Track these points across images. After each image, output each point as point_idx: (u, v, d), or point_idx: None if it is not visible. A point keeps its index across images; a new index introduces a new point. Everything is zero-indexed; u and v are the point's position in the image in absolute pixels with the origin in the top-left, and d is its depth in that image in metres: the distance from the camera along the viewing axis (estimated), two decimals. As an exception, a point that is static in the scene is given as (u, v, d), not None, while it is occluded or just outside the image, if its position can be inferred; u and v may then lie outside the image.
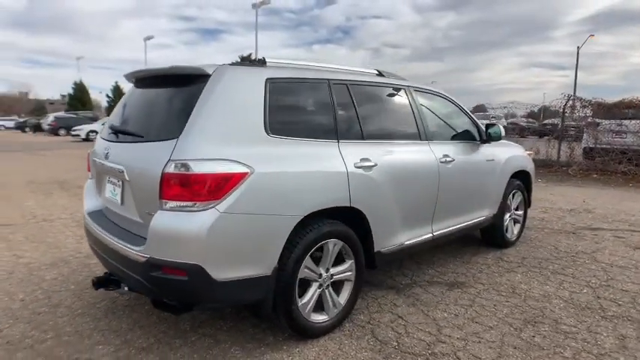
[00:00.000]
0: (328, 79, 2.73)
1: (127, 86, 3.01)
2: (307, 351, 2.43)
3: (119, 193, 2.43)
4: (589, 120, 11.46)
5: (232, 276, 2.11)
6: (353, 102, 2.82)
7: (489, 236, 4.34)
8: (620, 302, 3.14)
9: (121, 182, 2.40)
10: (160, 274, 2.08)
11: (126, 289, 2.45)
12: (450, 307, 3.02)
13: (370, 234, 2.76)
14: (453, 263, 3.95)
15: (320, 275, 2.53)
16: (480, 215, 3.87)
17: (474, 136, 3.84)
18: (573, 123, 11.65)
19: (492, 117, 22.02)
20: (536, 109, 12.19)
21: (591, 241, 4.71)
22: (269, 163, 2.23)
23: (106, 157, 2.54)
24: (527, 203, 4.62)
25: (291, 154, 2.35)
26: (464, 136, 3.74)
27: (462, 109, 3.84)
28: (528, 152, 4.85)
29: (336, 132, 2.64)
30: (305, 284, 2.51)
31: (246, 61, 2.54)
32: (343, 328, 2.70)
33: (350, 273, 2.70)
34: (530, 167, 4.61)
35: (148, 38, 42.59)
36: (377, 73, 3.27)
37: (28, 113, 60.49)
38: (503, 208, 4.19)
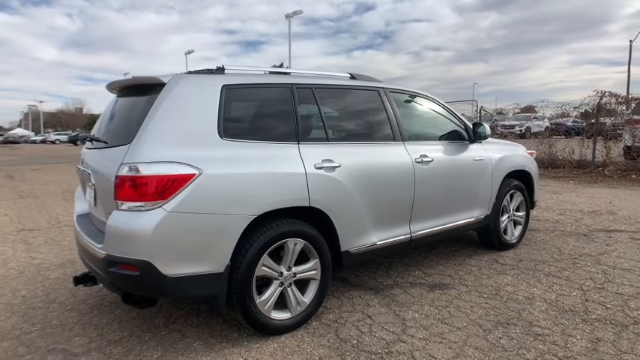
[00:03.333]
0: (292, 84, 2.82)
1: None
2: (266, 347, 2.51)
3: (93, 195, 2.63)
4: (628, 117, 10.81)
5: (183, 272, 2.24)
6: (317, 105, 2.89)
7: (485, 238, 4.23)
8: (608, 305, 2.99)
9: (92, 185, 2.60)
10: (117, 270, 2.23)
11: (101, 285, 2.64)
12: (423, 308, 3.00)
13: (335, 234, 2.81)
14: (444, 265, 3.88)
15: (281, 274, 2.60)
16: (469, 216, 3.80)
17: (460, 136, 3.79)
18: (608, 120, 10.99)
19: (534, 118, 21.17)
20: (568, 108, 11.53)
21: (602, 244, 4.47)
22: (220, 164, 2.34)
23: (82, 163, 2.76)
24: (529, 204, 4.46)
25: (245, 156, 2.45)
26: (447, 136, 3.70)
27: (446, 110, 3.80)
28: (530, 152, 4.68)
29: (297, 134, 2.72)
30: (266, 282, 2.59)
31: (217, 68, 2.67)
32: (309, 326, 2.75)
33: (315, 272, 2.75)
34: (531, 167, 4.46)
35: (189, 52, 44.37)
36: (350, 76, 3.31)
37: (83, 127, 64.60)
38: (499, 209, 4.07)
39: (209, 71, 2.64)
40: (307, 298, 2.75)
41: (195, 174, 2.23)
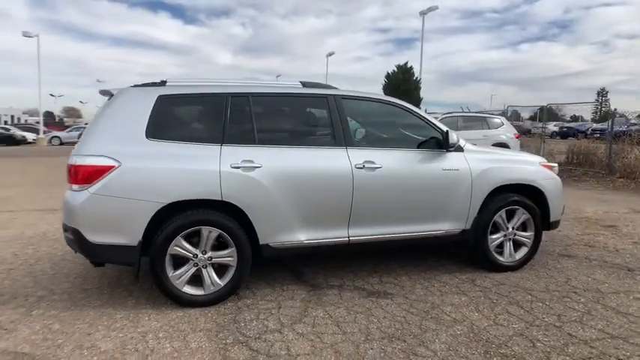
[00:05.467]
0: (228, 93, 3.21)
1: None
2: (174, 314, 2.98)
3: None
4: None
5: (103, 241, 2.86)
6: (251, 111, 3.22)
7: (471, 255, 3.91)
8: (539, 344, 2.62)
9: None
10: (67, 235, 2.99)
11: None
12: (336, 311, 3.08)
13: (252, 227, 3.11)
14: (409, 275, 3.77)
15: (195, 255, 3.04)
16: (436, 228, 3.60)
17: (430, 144, 3.60)
18: None
19: None
20: None
21: (637, 283, 3.68)
22: (139, 159, 2.90)
23: None
24: (539, 224, 3.91)
25: (164, 154, 2.95)
26: (412, 144, 3.58)
27: (418, 117, 3.65)
28: (548, 165, 4.06)
29: (222, 137, 3.10)
30: (185, 260, 3.06)
31: (160, 82, 3.25)
32: (223, 305, 3.12)
33: (231, 259, 3.11)
34: (543, 182, 3.90)
35: (330, 54, 46.83)
36: (302, 85, 3.51)
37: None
38: (485, 225, 3.72)
39: (153, 84, 3.22)
40: (223, 281, 3.13)
41: (114, 166, 2.84)
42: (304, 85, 3.52)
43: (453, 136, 3.49)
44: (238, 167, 3.05)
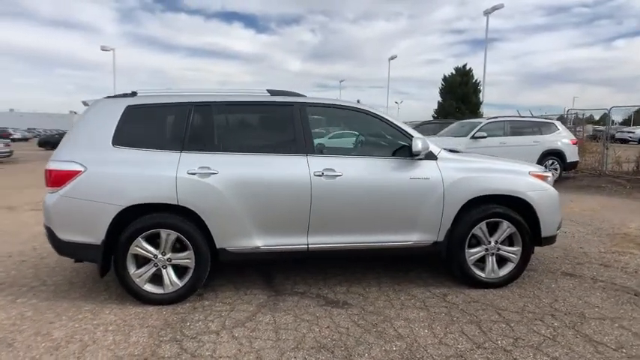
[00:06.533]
0: (191, 102, 3.37)
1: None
2: (132, 309, 3.19)
3: None
4: None
5: (70, 239, 3.15)
6: (212, 120, 3.35)
7: (447, 269, 3.71)
8: (472, 368, 2.45)
9: None
10: (45, 232, 3.33)
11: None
12: (284, 317, 3.10)
13: (208, 231, 3.24)
14: (380, 286, 3.67)
15: (155, 256, 3.23)
16: (404, 239, 3.47)
17: (401, 152, 3.49)
18: None
19: None
20: None
21: (635, 310, 3.26)
22: (103, 165, 3.15)
23: None
24: (526, 239, 3.61)
25: (126, 160, 3.18)
26: (378, 152, 3.50)
27: (389, 125, 3.55)
28: (540, 174, 3.71)
29: (182, 144, 3.27)
30: (146, 260, 3.26)
31: (131, 93, 3.49)
32: (182, 305, 3.27)
33: (189, 261, 3.26)
34: (531, 194, 3.59)
35: (392, 58, 46.36)
36: (269, 93, 3.56)
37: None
38: (461, 237, 3.51)
39: (124, 95, 3.46)
40: (182, 281, 3.28)
41: (80, 170, 3.11)
42: (272, 93, 3.59)
43: (417, 144, 3.34)
44: (194, 173, 3.19)
